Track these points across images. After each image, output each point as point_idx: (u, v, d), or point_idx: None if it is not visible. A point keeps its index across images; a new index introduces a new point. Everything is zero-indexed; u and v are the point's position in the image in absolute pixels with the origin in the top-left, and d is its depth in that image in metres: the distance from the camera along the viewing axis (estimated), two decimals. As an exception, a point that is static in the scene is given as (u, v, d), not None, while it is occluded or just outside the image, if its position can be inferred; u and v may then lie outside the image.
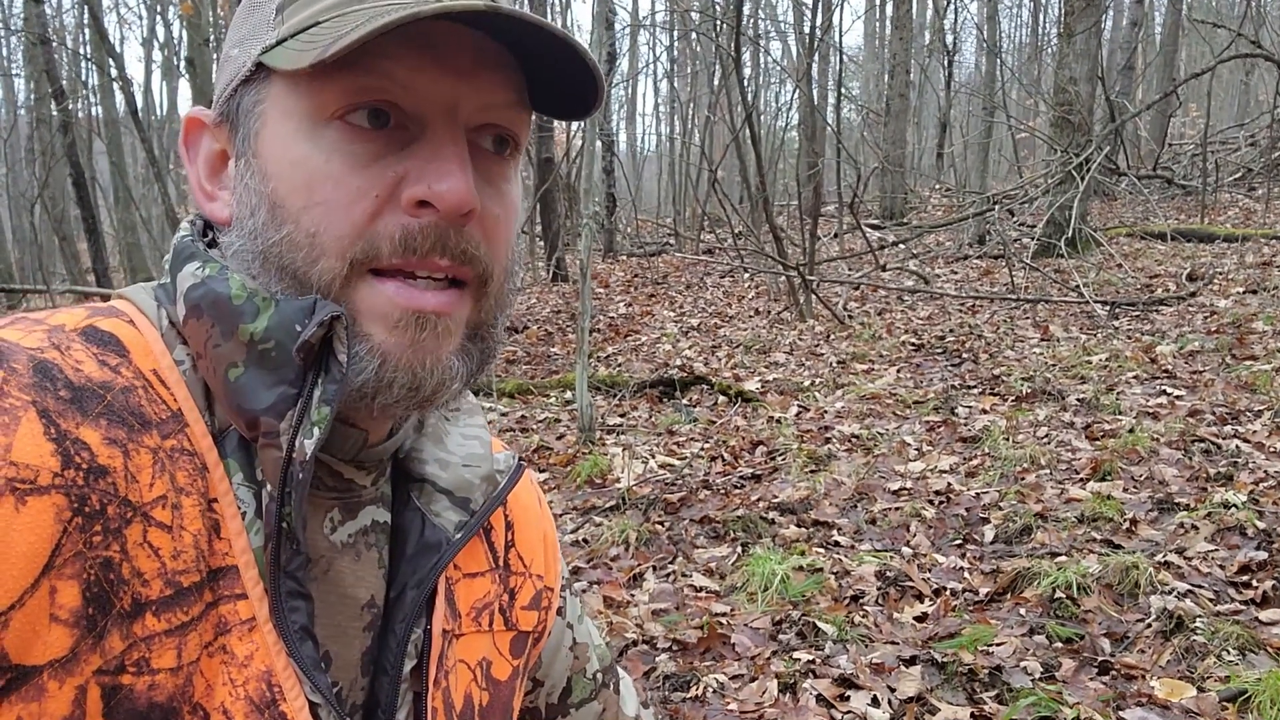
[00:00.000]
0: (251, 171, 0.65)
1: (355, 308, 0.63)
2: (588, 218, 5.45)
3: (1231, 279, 8.40)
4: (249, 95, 0.66)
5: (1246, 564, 3.14)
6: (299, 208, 0.63)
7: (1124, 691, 2.57)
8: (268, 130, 0.65)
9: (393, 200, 0.62)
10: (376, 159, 0.62)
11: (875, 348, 7.33)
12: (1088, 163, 9.88)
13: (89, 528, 0.54)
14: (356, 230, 0.62)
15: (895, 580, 3.35)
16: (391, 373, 0.63)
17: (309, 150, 0.63)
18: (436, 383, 0.65)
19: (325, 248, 0.62)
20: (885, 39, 22.40)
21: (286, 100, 0.64)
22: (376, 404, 0.64)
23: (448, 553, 0.74)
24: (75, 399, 0.57)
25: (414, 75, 0.62)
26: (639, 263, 14.33)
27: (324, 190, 0.62)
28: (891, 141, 16.09)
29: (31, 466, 0.52)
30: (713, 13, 12.60)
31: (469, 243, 0.64)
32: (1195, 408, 4.92)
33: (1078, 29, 10.37)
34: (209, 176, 0.70)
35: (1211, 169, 13.85)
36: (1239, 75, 21.87)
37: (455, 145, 0.63)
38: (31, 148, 16.95)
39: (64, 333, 0.61)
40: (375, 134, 0.63)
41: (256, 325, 0.62)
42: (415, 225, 0.62)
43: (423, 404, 0.66)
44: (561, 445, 5.43)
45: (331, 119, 0.62)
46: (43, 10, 12.39)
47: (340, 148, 0.62)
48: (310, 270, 0.62)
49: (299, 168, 0.63)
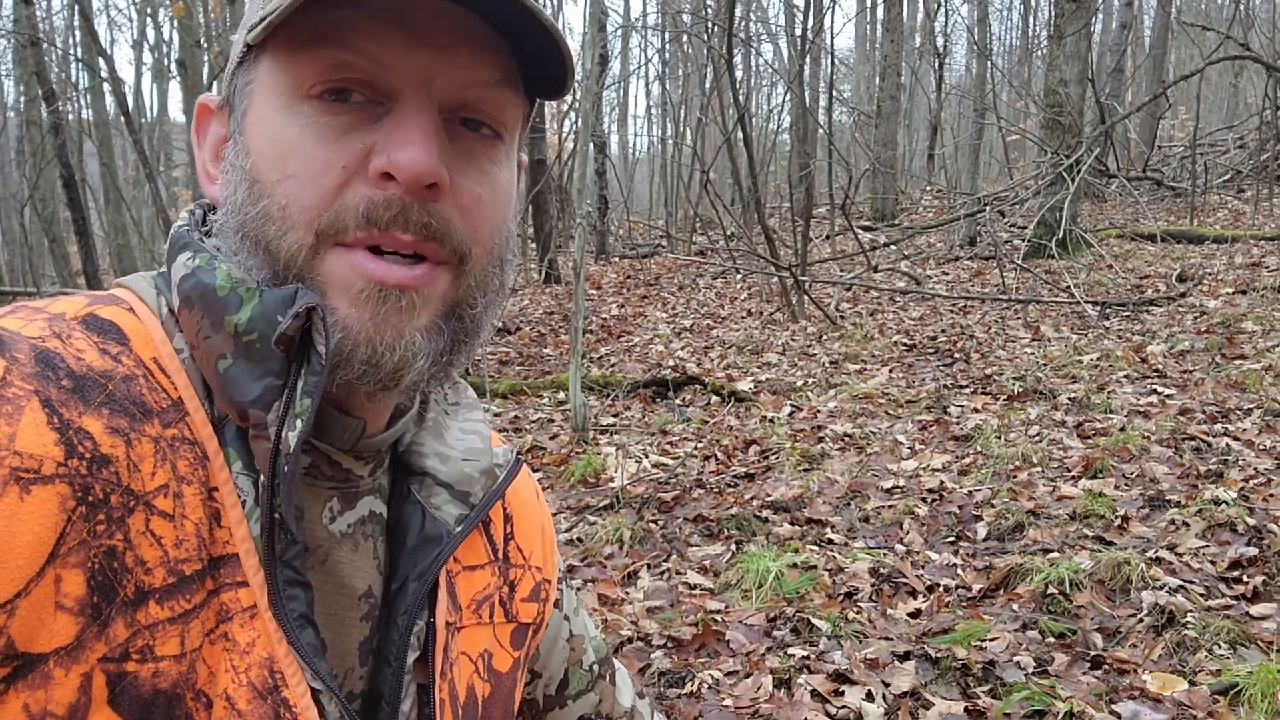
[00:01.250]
0: (238, 150, 0.66)
1: (323, 279, 0.64)
2: (581, 218, 5.46)
3: (1221, 280, 8.44)
4: (242, 76, 0.67)
5: (1237, 559, 3.16)
6: (273, 181, 0.63)
7: (1116, 685, 2.58)
8: (253, 109, 0.66)
9: (360, 172, 0.63)
10: (347, 131, 0.63)
11: (867, 348, 7.35)
12: (1078, 164, 9.91)
13: (93, 516, 0.54)
14: (324, 201, 0.62)
15: (889, 577, 3.36)
16: (351, 346, 0.63)
17: (284, 125, 0.63)
18: (399, 359, 0.64)
19: (294, 219, 0.63)
20: (876, 42, 22.48)
21: (269, 78, 0.65)
22: (338, 379, 0.64)
23: (449, 545, 0.74)
24: (77, 388, 0.57)
25: (386, 49, 0.62)
26: (631, 264, 14.33)
27: (295, 163, 0.63)
28: (883, 143, 16.13)
29: (35, 456, 0.53)
30: (704, 15, 12.62)
31: (435, 218, 0.64)
32: (1186, 406, 4.94)
33: (1068, 31, 10.42)
34: (212, 159, 0.72)
35: (1201, 171, 13.91)
36: (1228, 78, 21.97)
37: (421, 116, 0.63)
38: (21, 149, 16.88)
39: (65, 321, 0.61)
40: (346, 108, 0.63)
41: (240, 316, 0.63)
42: (380, 197, 0.62)
43: (385, 381, 0.65)
44: (555, 445, 5.44)
45: (309, 95, 0.63)
46: (32, 12, 12.34)
47: (313, 120, 0.63)
48: (280, 242, 0.63)
49: (275, 143, 0.64)
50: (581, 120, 8.41)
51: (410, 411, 0.76)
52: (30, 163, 15.12)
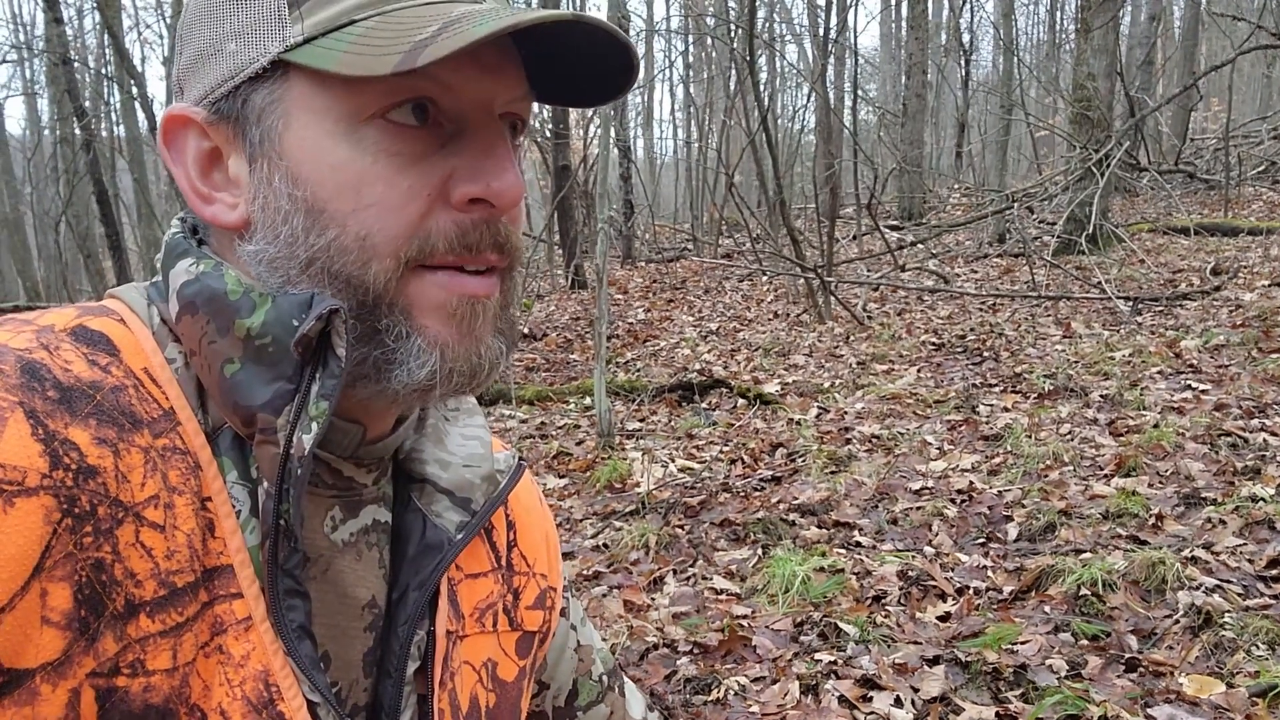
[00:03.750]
0: (280, 175, 0.63)
1: (409, 302, 0.63)
2: (603, 222, 5.45)
3: (1257, 272, 8.29)
4: (260, 93, 0.63)
5: (1276, 558, 3.09)
6: (347, 211, 0.61)
7: (1152, 689, 2.53)
8: (293, 132, 0.62)
9: (443, 198, 0.63)
10: (422, 158, 0.62)
11: (895, 348, 7.28)
12: (1108, 159, 9.79)
13: (79, 529, 0.54)
14: (410, 229, 0.62)
15: (917, 580, 3.32)
16: (452, 362, 0.64)
17: (351, 152, 0.61)
18: (490, 364, 0.66)
19: (378, 249, 0.62)
20: (901, 40, 22.33)
21: (315, 100, 0.62)
22: (435, 395, 0.65)
23: (450, 553, 0.73)
24: (64, 399, 0.56)
25: (454, 74, 0.62)
26: (657, 268, 14.33)
27: (374, 192, 0.61)
28: (909, 142, 16.02)
29: (19, 468, 0.52)
30: (727, 17, 12.60)
31: (510, 233, 0.66)
32: (1221, 402, 4.85)
33: (1095, 24, 10.30)
34: (201, 176, 0.67)
35: (1234, 163, 13.71)
36: (1260, 68, 21.64)
37: (503, 142, 0.65)
38: (55, 166, 17.17)
39: (53, 333, 0.60)
40: (418, 132, 0.62)
41: (253, 320, 0.62)
42: (468, 221, 0.63)
43: (477, 388, 0.68)
44: (581, 451, 5.43)
45: (372, 118, 0.61)
46: (64, 31, 12.54)
47: (385, 147, 0.61)
48: (364, 273, 0.62)
49: (341, 171, 0.61)
50: (603, 125, 8.41)
51: (411, 417, 0.76)
52: (64, 179, 15.36)
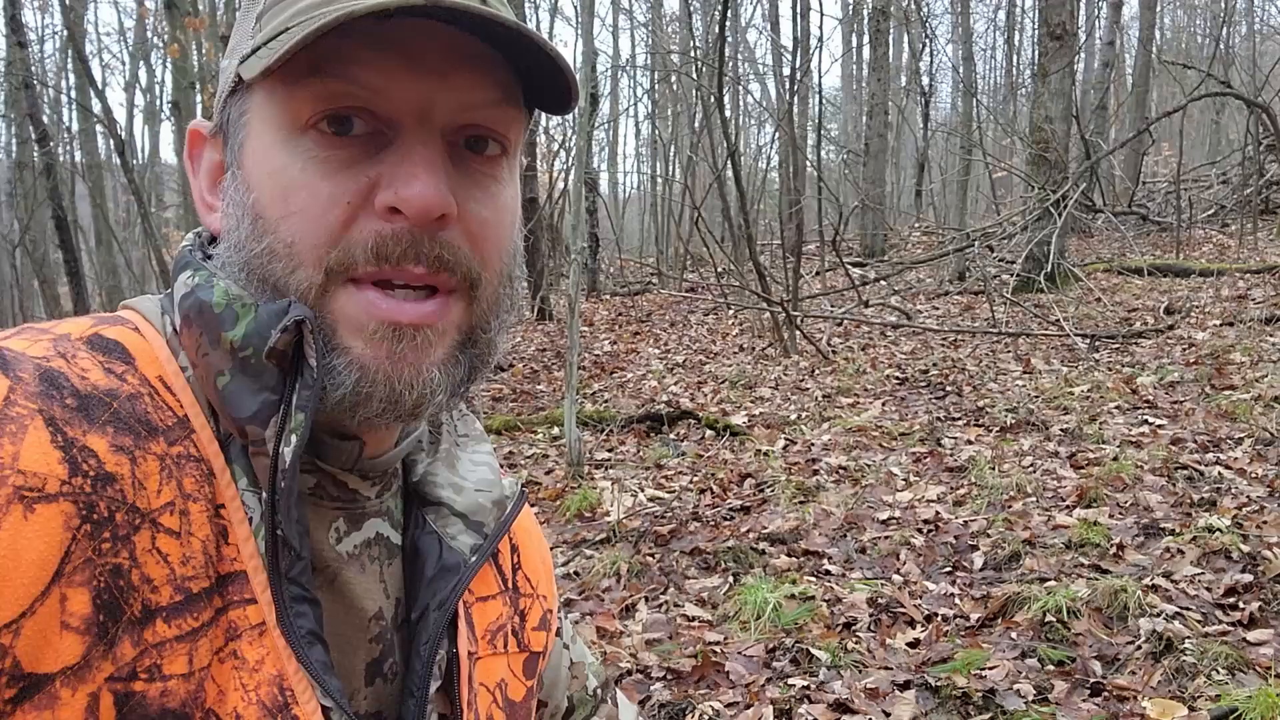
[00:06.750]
0: (237, 183, 0.65)
1: (334, 317, 0.62)
2: (575, 254, 5.50)
3: (1208, 312, 8.52)
4: (235, 106, 0.66)
5: (1233, 586, 3.17)
6: (277, 217, 0.62)
7: (1116, 712, 2.59)
8: (250, 141, 0.64)
9: (366, 206, 0.61)
10: (349, 165, 0.61)
11: (860, 381, 7.38)
12: (1064, 199, 10.03)
13: (98, 535, 0.54)
14: (331, 238, 0.61)
15: (887, 607, 3.36)
16: (369, 386, 0.62)
17: (285, 159, 0.62)
18: (417, 396, 0.63)
19: (302, 257, 0.62)
20: (863, 81, 22.76)
21: (265, 109, 0.63)
22: (358, 417, 0.63)
23: (466, 574, 0.74)
24: (82, 407, 0.57)
25: (383, 78, 0.60)
26: (623, 301, 14.38)
27: (299, 199, 0.61)
28: (871, 180, 16.29)
29: (39, 474, 0.53)
30: (693, 55, 12.79)
31: (445, 248, 0.63)
32: (1177, 436, 4.98)
33: (1052, 69, 10.59)
34: (209, 188, 0.70)
35: (1185, 206, 14.08)
36: (1210, 115, 22.28)
37: (425, 148, 0.62)
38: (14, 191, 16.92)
39: (70, 341, 0.61)
40: (347, 140, 0.62)
41: (236, 333, 0.62)
42: (388, 231, 0.61)
43: (404, 417, 0.64)
44: (550, 480, 5.43)
45: (307, 127, 0.61)
46: (27, 55, 12.43)
47: (313, 154, 0.61)
48: (289, 280, 0.62)
49: (276, 177, 0.62)
50: (575, 159, 8.48)
51: (417, 430, 0.76)
52: (22, 204, 15.15)
